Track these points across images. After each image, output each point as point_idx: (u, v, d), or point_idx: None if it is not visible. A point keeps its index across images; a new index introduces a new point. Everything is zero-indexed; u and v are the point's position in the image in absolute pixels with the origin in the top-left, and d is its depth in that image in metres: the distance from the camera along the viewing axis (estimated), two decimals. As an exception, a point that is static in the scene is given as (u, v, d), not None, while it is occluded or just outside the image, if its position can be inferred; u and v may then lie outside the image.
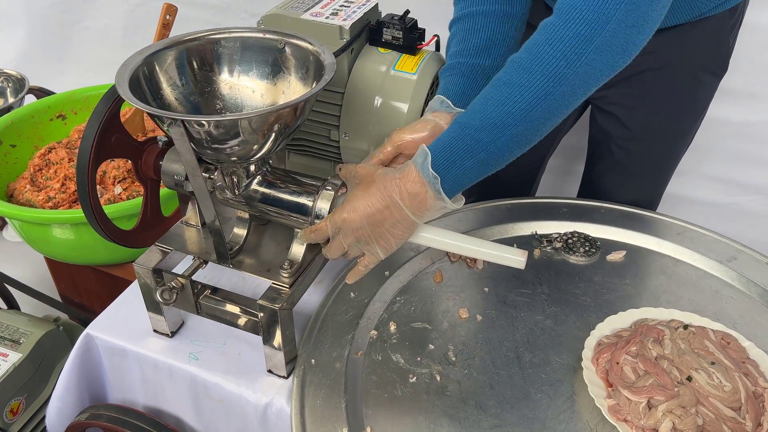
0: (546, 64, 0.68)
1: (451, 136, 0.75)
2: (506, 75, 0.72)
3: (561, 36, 0.67)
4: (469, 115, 0.74)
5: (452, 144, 0.74)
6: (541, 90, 0.69)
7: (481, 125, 0.72)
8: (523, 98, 0.69)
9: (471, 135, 0.73)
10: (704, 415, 0.78)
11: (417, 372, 0.89)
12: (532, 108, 0.70)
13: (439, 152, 0.74)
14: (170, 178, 0.88)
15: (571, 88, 0.69)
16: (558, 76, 0.68)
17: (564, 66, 0.67)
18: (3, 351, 1.18)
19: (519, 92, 0.70)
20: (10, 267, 1.57)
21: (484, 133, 0.72)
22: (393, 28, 0.96)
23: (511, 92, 0.70)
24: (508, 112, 0.70)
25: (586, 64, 0.67)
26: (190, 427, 1.01)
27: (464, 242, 0.84)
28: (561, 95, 0.69)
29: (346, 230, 0.79)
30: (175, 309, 0.96)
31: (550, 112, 0.71)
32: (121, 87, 0.73)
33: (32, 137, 1.52)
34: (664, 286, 1.04)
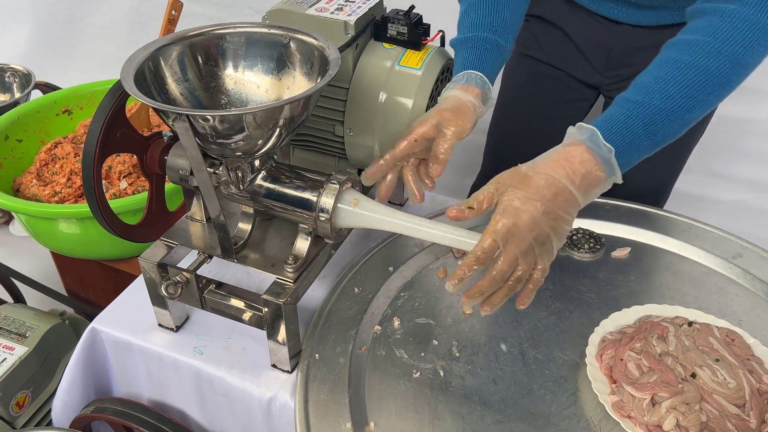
0: (732, 49, 0.68)
1: (628, 115, 0.73)
2: (688, 56, 0.70)
3: (750, 23, 0.67)
4: (645, 95, 0.73)
5: (629, 123, 0.72)
6: (724, 76, 0.69)
7: (662, 106, 0.71)
8: (706, 82, 0.69)
9: (650, 115, 0.72)
10: (708, 412, 0.77)
11: (421, 367, 0.89)
12: (712, 93, 0.70)
13: (614, 131, 0.73)
14: (175, 173, 0.88)
15: (745, 76, 0.71)
16: (741, 64, 0.69)
17: (747, 54, 0.68)
18: (9, 344, 1.18)
19: (703, 76, 0.70)
20: (17, 261, 1.58)
21: (665, 115, 0.72)
22: (398, 23, 0.96)
23: (694, 75, 0.70)
24: (691, 95, 0.70)
25: (762, 54, 0.69)
26: (194, 421, 1.02)
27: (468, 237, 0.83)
28: (738, 83, 0.71)
29: (519, 236, 0.71)
30: (180, 303, 0.96)
31: (723, 98, 0.72)
32: (126, 82, 0.73)
33: (38, 132, 1.52)
34: (668, 282, 1.03)
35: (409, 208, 1.26)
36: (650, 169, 1.27)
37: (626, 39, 1.10)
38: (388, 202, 1.25)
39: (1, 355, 1.16)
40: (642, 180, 1.28)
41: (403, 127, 0.95)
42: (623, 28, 1.09)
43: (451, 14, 0.96)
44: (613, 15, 1.09)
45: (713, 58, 0.70)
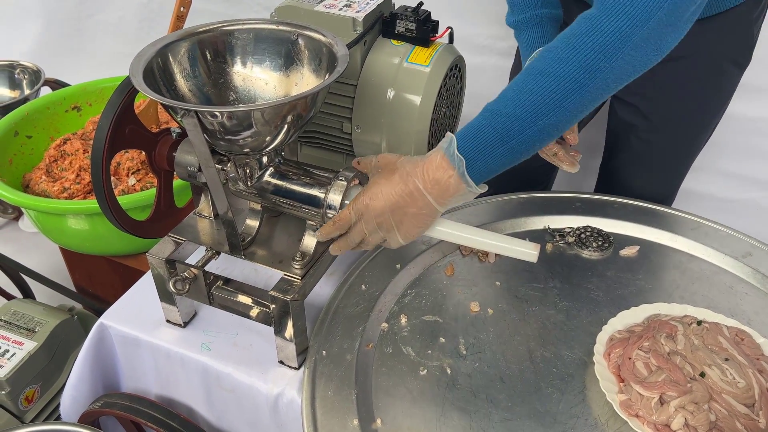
0: (583, 56, 0.68)
1: (482, 123, 0.74)
2: (542, 64, 0.71)
3: (601, 29, 0.67)
4: (501, 103, 0.74)
5: (482, 131, 0.74)
6: (576, 82, 0.69)
7: (514, 113, 0.72)
8: (558, 89, 0.70)
9: (502, 123, 0.73)
10: (717, 412, 0.77)
11: (427, 365, 0.89)
12: (565, 99, 0.70)
13: (468, 138, 0.74)
14: (183, 170, 0.88)
15: (605, 81, 0.69)
16: (594, 69, 0.68)
17: (601, 59, 0.67)
18: (18, 339, 1.19)
19: (554, 83, 0.70)
20: (26, 257, 1.59)
21: (516, 122, 0.72)
22: (406, 20, 0.96)
23: (545, 82, 0.70)
24: (543, 102, 0.71)
25: (622, 59, 0.67)
26: (201, 417, 1.02)
27: (476, 235, 0.84)
28: (595, 88, 0.70)
29: (368, 216, 0.80)
30: (188, 299, 0.97)
31: (583, 105, 0.71)
32: (135, 78, 0.73)
33: (48, 128, 1.53)
34: (677, 281, 1.03)
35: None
36: (654, 173, 1.27)
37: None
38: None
39: (11, 350, 1.17)
40: (645, 185, 1.27)
41: (411, 124, 0.95)
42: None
43: (460, 11, 0.96)
44: None
45: (563, 64, 0.69)
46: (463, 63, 1.04)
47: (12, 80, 1.98)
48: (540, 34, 0.95)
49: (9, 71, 1.97)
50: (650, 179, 1.28)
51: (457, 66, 1.01)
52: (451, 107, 1.04)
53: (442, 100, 0.98)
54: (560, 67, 0.69)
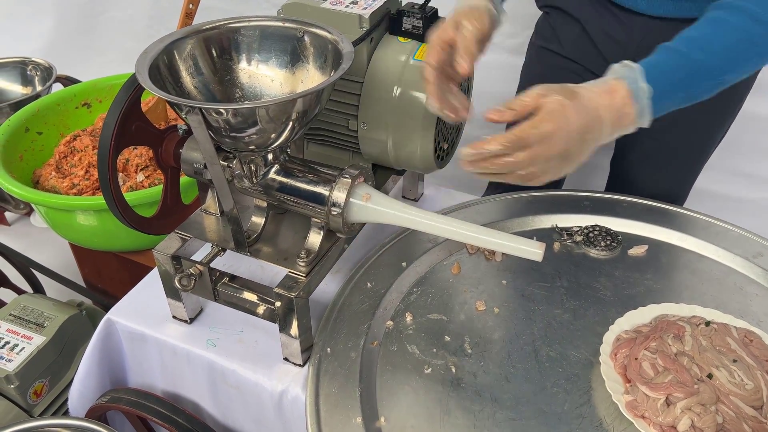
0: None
1: (671, 64, 0.75)
2: (735, 19, 0.73)
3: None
4: (691, 48, 0.74)
5: (672, 71, 0.75)
6: (764, 45, 0.73)
7: (705, 61, 0.74)
8: (748, 48, 0.73)
9: (692, 68, 0.74)
10: (724, 414, 0.76)
11: (432, 363, 0.88)
12: (750, 60, 0.74)
13: (657, 75, 0.74)
14: (190, 166, 0.89)
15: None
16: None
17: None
18: (27, 334, 1.20)
19: (746, 42, 0.73)
20: (37, 252, 1.60)
21: (704, 71, 0.74)
22: (413, 17, 0.95)
23: (738, 39, 0.73)
24: (731, 58, 0.74)
25: None
26: (207, 413, 1.03)
27: (482, 234, 0.83)
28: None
29: (554, 141, 0.71)
30: (194, 296, 0.97)
31: (756, 68, 0.77)
32: (140, 74, 0.74)
33: (58, 125, 1.54)
34: (686, 281, 1.02)
35: (423, 204, 1.25)
36: (666, 172, 1.25)
37: (643, 33, 1.08)
38: (402, 197, 1.24)
39: (20, 344, 1.18)
40: (657, 184, 1.26)
41: (417, 122, 0.95)
42: (640, 20, 1.07)
43: (467, 8, 0.94)
44: (631, 4, 1.07)
45: (759, 25, 0.72)
46: (471, 60, 1.03)
47: (24, 77, 1.99)
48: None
49: (21, 68, 1.99)
50: (662, 178, 1.26)
51: (465, 63, 1.00)
52: (458, 105, 1.03)
53: (448, 98, 0.97)
54: (755, 27, 0.72)
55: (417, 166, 1.02)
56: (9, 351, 1.17)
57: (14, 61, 1.99)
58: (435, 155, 1.00)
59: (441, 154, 1.03)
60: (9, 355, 1.16)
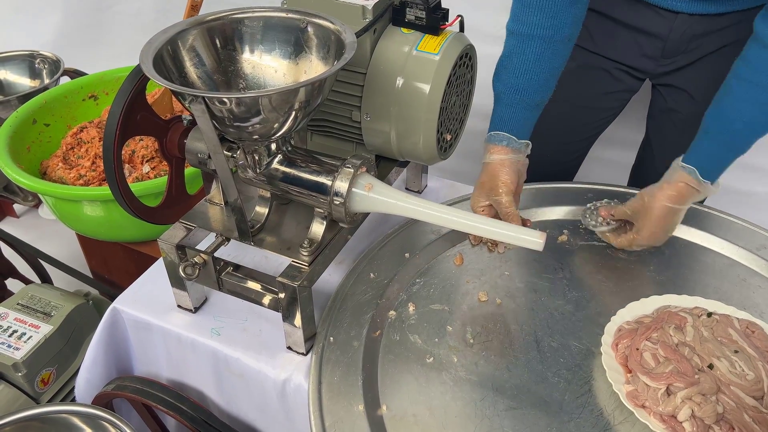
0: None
1: (713, 152, 0.94)
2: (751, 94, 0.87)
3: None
4: (722, 130, 0.92)
5: (723, 154, 0.94)
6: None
7: (750, 134, 0.91)
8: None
9: (741, 143, 0.92)
10: (725, 403, 0.76)
11: (434, 353, 0.89)
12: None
13: (706, 167, 0.94)
14: (194, 157, 0.89)
15: None
16: None
17: None
18: (35, 323, 1.22)
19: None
20: (45, 243, 1.62)
21: (753, 136, 0.91)
22: (416, 8, 0.95)
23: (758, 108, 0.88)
24: (756, 128, 0.90)
25: None
26: (211, 401, 1.04)
27: (483, 223, 0.83)
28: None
29: (659, 235, 1.00)
30: (199, 285, 0.98)
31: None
32: (145, 64, 0.74)
33: (65, 117, 1.55)
34: (689, 273, 1.02)
35: (426, 195, 1.25)
36: None
37: (683, 27, 1.09)
38: (405, 189, 1.25)
39: (28, 332, 1.20)
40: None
41: (420, 113, 0.95)
42: (680, 17, 1.07)
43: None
44: (670, 5, 1.07)
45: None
46: (474, 52, 1.03)
47: (32, 70, 2.00)
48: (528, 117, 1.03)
49: (29, 61, 2.00)
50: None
51: (468, 55, 1.01)
52: (461, 96, 1.04)
53: (451, 89, 0.98)
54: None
55: (420, 157, 1.02)
56: (17, 339, 1.18)
57: (22, 54, 2.00)
58: (438, 146, 1.00)
59: (444, 146, 1.03)
60: (17, 344, 1.17)
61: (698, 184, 0.94)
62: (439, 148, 1.01)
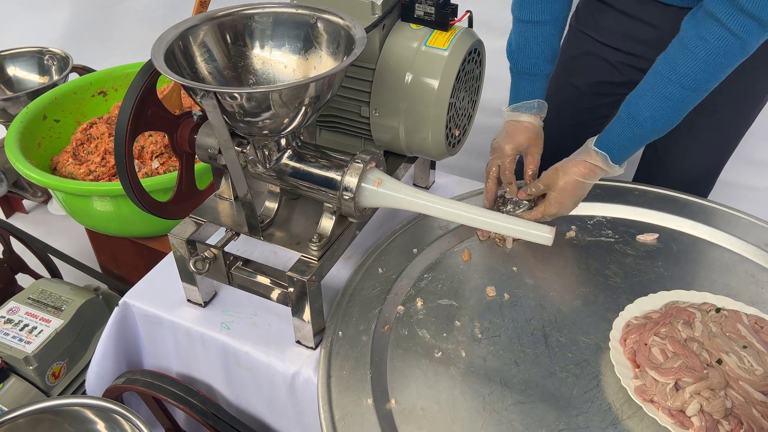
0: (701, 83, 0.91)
1: (627, 135, 0.98)
2: (676, 91, 0.92)
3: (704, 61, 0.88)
4: (640, 112, 0.95)
5: (629, 141, 0.98)
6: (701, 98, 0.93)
7: (653, 125, 0.95)
8: (686, 107, 0.93)
9: (645, 132, 0.96)
10: (733, 398, 0.76)
11: (443, 347, 0.89)
12: (688, 107, 0.94)
13: (610, 146, 0.99)
14: (204, 152, 0.90)
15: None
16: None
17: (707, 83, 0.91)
18: (46, 317, 1.23)
19: (682, 105, 0.93)
20: (55, 239, 1.63)
21: (655, 129, 0.96)
22: (425, 3, 0.95)
23: (677, 103, 0.92)
24: (674, 115, 0.94)
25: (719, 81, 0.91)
26: (220, 395, 1.05)
27: (492, 218, 0.84)
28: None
29: (567, 203, 1.05)
30: (208, 279, 0.99)
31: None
32: (156, 60, 0.75)
33: (75, 113, 1.56)
34: (697, 269, 1.02)
35: (434, 191, 1.26)
36: (698, 157, 1.26)
37: (676, 19, 1.10)
38: (414, 184, 1.25)
39: (38, 327, 1.21)
40: (690, 168, 1.26)
41: (429, 109, 0.95)
42: (672, 10, 1.09)
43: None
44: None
45: (692, 92, 0.91)
46: (483, 47, 1.03)
47: (41, 66, 2.02)
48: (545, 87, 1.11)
49: (38, 57, 2.02)
50: (695, 161, 1.27)
51: (476, 50, 1.01)
52: (470, 92, 1.04)
53: (460, 85, 0.98)
54: (689, 94, 0.92)
55: (428, 152, 1.02)
56: (28, 333, 1.19)
57: (31, 51, 2.02)
58: (446, 142, 1.01)
59: (452, 141, 1.03)
60: (28, 338, 1.19)
61: (606, 165, 1.00)
62: (447, 143, 1.01)
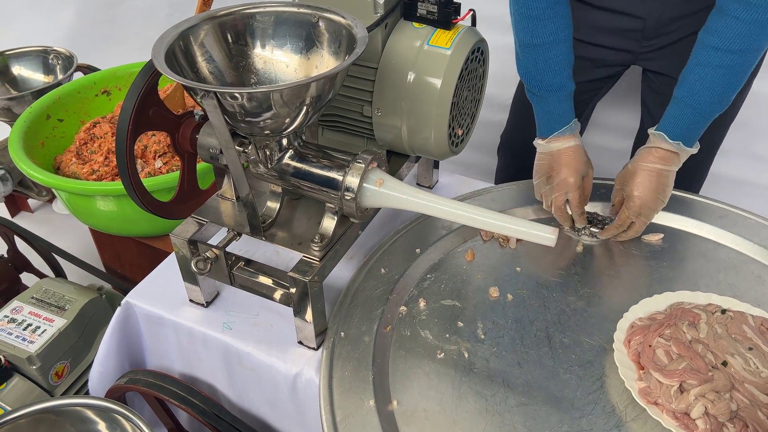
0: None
1: (682, 118, 0.99)
2: (726, 57, 0.92)
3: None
4: (691, 97, 0.97)
5: (690, 120, 0.98)
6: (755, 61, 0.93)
7: (710, 98, 0.96)
8: (741, 73, 0.94)
9: (704, 107, 0.97)
10: (738, 401, 0.76)
11: (445, 348, 0.89)
12: (737, 85, 0.95)
13: (678, 132, 0.99)
14: (206, 152, 0.89)
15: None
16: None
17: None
18: (49, 316, 1.23)
19: (735, 71, 0.93)
20: (58, 238, 1.64)
21: (712, 101, 0.96)
22: (428, 2, 0.95)
23: (729, 69, 0.93)
24: (731, 84, 0.95)
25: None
26: (223, 395, 1.04)
27: (495, 219, 0.83)
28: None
29: (646, 214, 1.03)
30: (210, 280, 0.98)
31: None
32: (157, 60, 0.74)
33: (78, 112, 1.56)
34: (703, 269, 1.01)
35: (437, 191, 1.25)
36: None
37: (660, 10, 1.11)
38: (417, 184, 1.24)
39: (42, 326, 1.21)
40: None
41: (431, 108, 0.95)
42: (657, 1, 1.08)
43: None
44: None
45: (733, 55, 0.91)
46: (486, 46, 1.02)
47: (46, 65, 2.02)
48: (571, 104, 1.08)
49: (43, 57, 2.02)
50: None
51: (480, 49, 1.00)
52: (472, 91, 1.03)
53: (463, 84, 0.97)
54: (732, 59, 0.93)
55: (431, 152, 1.02)
56: (31, 333, 1.19)
57: (36, 50, 2.02)
58: (449, 141, 1.00)
59: (455, 140, 1.03)
60: (31, 337, 1.19)
61: (676, 147, 0.99)
62: (450, 143, 1.00)
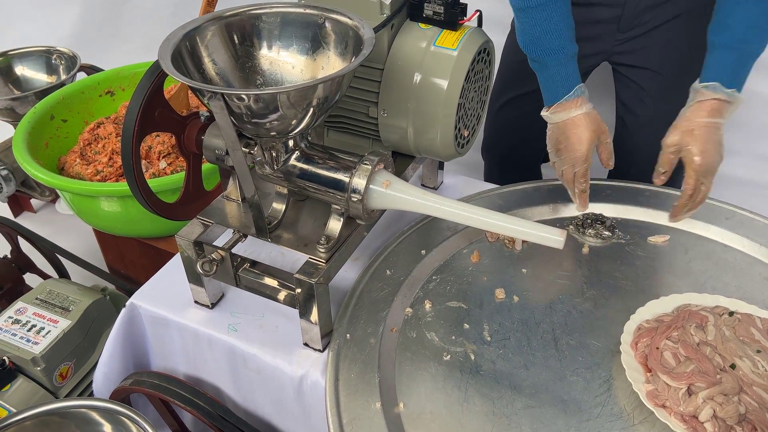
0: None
1: (732, 59, 0.95)
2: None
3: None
4: (735, 30, 0.93)
5: (736, 64, 0.96)
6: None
7: (753, 36, 0.94)
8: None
9: (750, 47, 0.95)
10: (747, 404, 0.75)
11: (451, 350, 0.89)
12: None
13: (727, 78, 0.96)
14: (211, 153, 0.89)
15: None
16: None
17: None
18: (53, 317, 1.23)
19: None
20: (62, 238, 1.64)
21: (756, 38, 0.94)
22: (434, 3, 0.94)
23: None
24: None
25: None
26: (228, 397, 1.04)
27: (502, 221, 0.83)
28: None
29: (712, 163, 1.00)
30: (216, 281, 0.98)
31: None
32: (163, 60, 0.74)
33: (82, 113, 1.56)
34: (710, 271, 1.00)
35: (443, 192, 1.25)
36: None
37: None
38: (422, 185, 1.24)
39: (46, 327, 1.21)
40: (658, 150, 1.25)
41: (438, 109, 0.94)
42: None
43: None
44: None
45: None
46: (492, 47, 1.02)
47: (49, 66, 2.02)
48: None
49: (46, 57, 2.02)
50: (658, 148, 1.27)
51: (486, 50, 1.00)
52: (479, 92, 1.03)
53: (469, 85, 0.97)
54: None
55: (437, 153, 1.02)
56: (35, 334, 1.19)
57: (39, 50, 2.02)
58: (455, 142, 1.00)
59: (461, 142, 1.02)
60: (35, 338, 1.19)
61: (727, 95, 0.96)
62: (456, 144, 1.00)
